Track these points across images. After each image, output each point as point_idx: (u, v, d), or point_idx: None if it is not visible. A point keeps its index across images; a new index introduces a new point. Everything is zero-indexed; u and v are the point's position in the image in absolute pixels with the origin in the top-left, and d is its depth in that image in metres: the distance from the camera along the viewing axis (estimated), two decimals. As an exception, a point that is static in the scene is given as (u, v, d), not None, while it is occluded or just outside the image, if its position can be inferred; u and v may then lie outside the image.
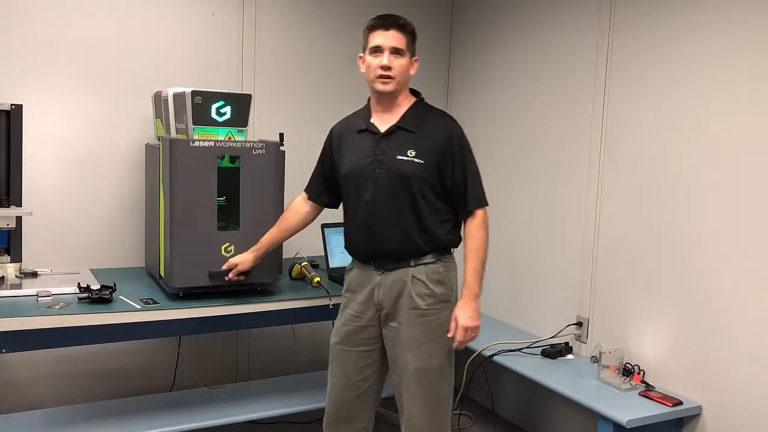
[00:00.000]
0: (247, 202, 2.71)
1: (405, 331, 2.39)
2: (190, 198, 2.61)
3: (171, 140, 2.60)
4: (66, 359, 3.18)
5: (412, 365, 2.38)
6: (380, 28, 2.35)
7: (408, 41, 2.37)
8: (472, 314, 2.34)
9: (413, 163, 2.34)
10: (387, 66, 2.33)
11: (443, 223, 2.40)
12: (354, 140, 2.47)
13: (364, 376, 2.49)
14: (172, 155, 2.58)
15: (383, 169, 2.37)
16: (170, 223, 2.61)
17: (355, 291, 2.49)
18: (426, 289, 2.38)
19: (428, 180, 2.35)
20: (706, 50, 2.67)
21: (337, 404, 2.53)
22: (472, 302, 2.35)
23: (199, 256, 2.63)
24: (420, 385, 2.39)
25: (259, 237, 2.65)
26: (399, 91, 2.40)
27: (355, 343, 2.49)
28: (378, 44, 2.34)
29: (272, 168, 2.75)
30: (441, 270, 2.40)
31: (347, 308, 2.52)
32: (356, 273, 2.51)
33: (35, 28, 3.02)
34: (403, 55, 2.35)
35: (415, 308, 2.37)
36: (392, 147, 2.37)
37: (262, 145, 2.72)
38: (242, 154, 2.69)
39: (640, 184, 2.93)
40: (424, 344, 2.38)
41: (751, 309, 2.52)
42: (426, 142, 2.36)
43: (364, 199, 2.40)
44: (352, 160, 2.45)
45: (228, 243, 2.67)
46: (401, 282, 2.39)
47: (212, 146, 2.63)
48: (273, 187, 2.76)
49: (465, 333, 2.34)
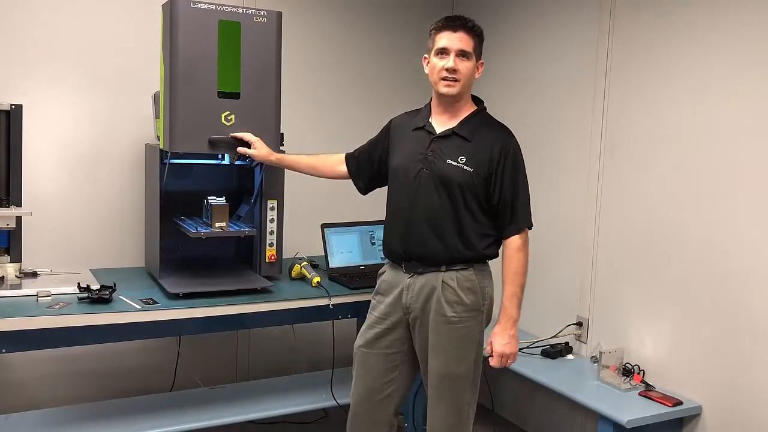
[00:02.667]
0: (248, 72, 2.65)
1: (432, 336, 2.35)
2: (190, 57, 2.55)
3: (172, 1, 2.54)
4: (66, 359, 3.18)
5: (436, 371, 2.35)
6: (448, 29, 2.29)
7: (475, 44, 2.31)
8: (510, 341, 2.32)
9: (462, 169, 2.30)
10: (453, 68, 2.28)
11: (484, 237, 2.35)
12: (409, 136, 2.44)
13: (389, 379, 2.45)
14: (173, 15, 2.53)
15: (430, 170, 2.33)
16: (170, 84, 2.55)
17: (384, 293, 2.46)
18: (455, 297, 2.32)
19: (474, 190, 2.31)
20: (706, 50, 2.67)
21: (360, 407, 2.49)
22: (510, 328, 2.32)
23: (200, 121, 2.57)
24: (443, 391, 2.36)
25: (259, 107, 2.64)
26: (462, 95, 2.35)
27: (381, 347, 2.45)
28: (444, 46, 2.29)
29: (273, 37, 2.69)
30: (473, 278, 2.34)
31: (374, 311, 2.49)
32: (387, 275, 2.48)
33: (35, 28, 3.01)
34: (469, 58, 2.30)
35: (443, 315, 2.32)
36: (444, 150, 2.33)
37: (263, 13, 2.66)
38: (243, 20, 2.63)
39: (641, 183, 2.93)
40: (451, 351, 2.34)
41: (751, 309, 2.52)
42: (478, 152, 2.31)
43: (406, 197, 2.37)
44: (403, 156, 2.42)
45: (228, 111, 2.63)
46: (430, 286, 2.34)
47: (213, 9, 2.58)
48: (273, 57, 2.70)
49: (501, 359, 2.33)
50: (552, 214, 3.37)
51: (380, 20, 3.83)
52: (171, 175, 2.77)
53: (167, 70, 2.58)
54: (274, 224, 2.97)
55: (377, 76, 3.82)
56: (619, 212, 3.03)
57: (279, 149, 2.79)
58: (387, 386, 2.45)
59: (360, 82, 3.77)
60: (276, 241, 2.97)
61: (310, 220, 3.32)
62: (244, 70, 2.64)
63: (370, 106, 3.55)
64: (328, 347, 3.27)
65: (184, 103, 2.55)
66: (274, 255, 2.98)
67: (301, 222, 3.41)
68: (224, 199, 2.89)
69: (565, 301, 3.28)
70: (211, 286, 2.73)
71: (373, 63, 3.83)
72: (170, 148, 2.58)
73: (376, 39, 3.82)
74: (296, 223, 3.36)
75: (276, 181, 2.97)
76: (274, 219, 2.97)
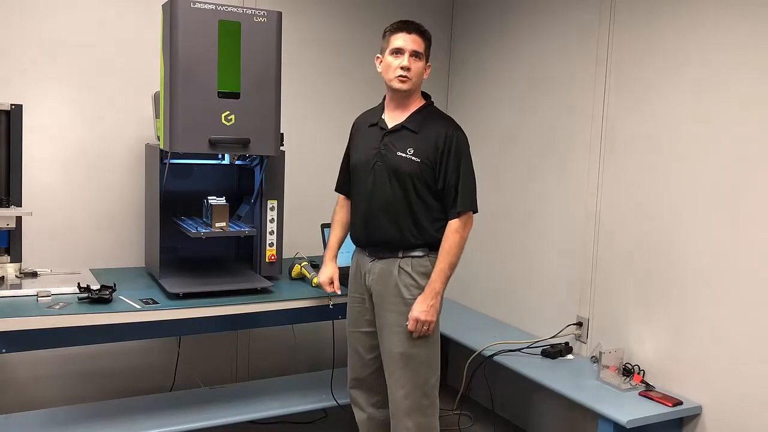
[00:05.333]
0: (248, 72, 2.65)
1: (390, 316, 2.52)
2: (190, 57, 2.55)
3: (172, 1, 2.54)
4: (66, 359, 3.18)
5: (396, 349, 2.51)
6: (402, 31, 2.50)
7: (426, 46, 2.52)
8: (427, 309, 2.45)
9: (410, 160, 2.48)
10: (407, 67, 2.47)
11: (435, 221, 2.52)
12: (365, 133, 2.64)
13: (374, 355, 2.63)
14: (173, 15, 2.53)
15: (383, 163, 2.52)
16: (170, 84, 2.56)
17: (355, 275, 2.66)
18: (411, 280, 2.50)
19: (423, 178, 2.48)
20: (707, 49, 2.67)
21: (354, 382, 2.72)
22: (431, 298, 2.46)
23: (200, 121, 2.58)
24: (404, 370, 2.51)
25: (259, 107, 2.65)
26: (412, 91, 2.54)
27: (361, 325, 2.65)
28: (399, 46, 2.48)
29: (273, 37, 2.69)
30: (427, 263, 2.51)
31: (353, 292, 2.67)
32: (355, 258, 2.68)
33: (35, 29, 3.02)
34: (420, 58, 2.50)
35: (400, 296, 2.50)
36: (395, 143, 2.52)
37: (263, 13, 2.67)
38: (243, 20, 2.63)
39: (640, 184, 2.93)
40: (407, 331, 2.48)
41: (752, 309, 2.52)
42: (424, 143, 2.49)
43: (365, 190, 2.56)
44: (360, 152, 2.62)
45: (228, 111, 2.63)
46: (388, 271, 2.52)
47: (213, 9, 2.58)
48: (273, 57, 2.70)
49: (416, 324, 2.45)
50: (552, 213, 3.37)
51: (380, 20, 3.79)
52: (171, 175, 2.77)
53: (167, 70, 2.58)
54: (274, 224, 2.97)
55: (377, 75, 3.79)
56: (619, 212, 3.03)
57: (279, 149, 2.79)
58: (373, 361, 2.65)
59: (360, 81, 3.77)
60: (276, 241, 2.98)
61: (310, 220, 3.33)
62: (244, 70, 2.64)
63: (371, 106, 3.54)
64: (328, 347, 3.27)
65: (184, 103, 2.55)
66: (274, 255, 2.98)
67: (301, 222, 3.41)
68: (224, 199, 2.89)
69: (565, 301, 3.28)
70: (211, 286, 2.74)
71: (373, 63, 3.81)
72: (170, 148, 2.59)
73: (377, 39, 3.80)
74: (296, 223, 3.37)
75: (276, 181, 2.97)
76: (274, 219, 2.97)
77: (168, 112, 2.58)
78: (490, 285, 3.76)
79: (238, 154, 2.93)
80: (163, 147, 2.66)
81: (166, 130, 2.61)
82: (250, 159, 3.01)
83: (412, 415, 2.51)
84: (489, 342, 3.18)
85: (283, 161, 2.97)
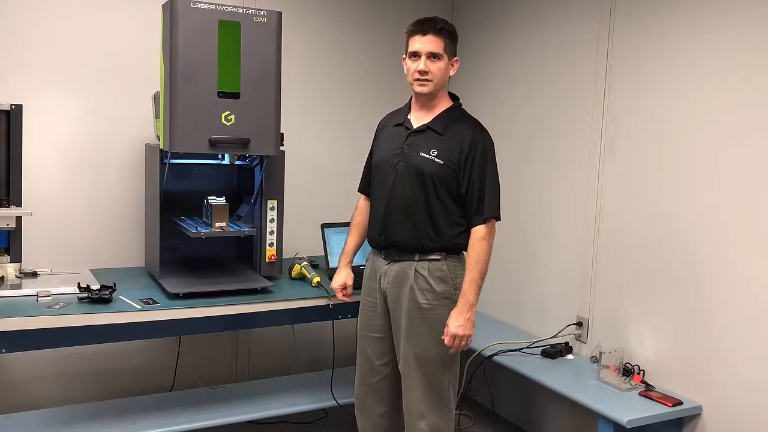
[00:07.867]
0: (248, 72, 2.65)
1: (406, 321, 2.47)
2: (190, 57, 2.55)
3: (172, 1, 2.54)
4: (66, 359, 3.18)
5: (411, 352, 2.47)
6: (418, 33, 2.44)
7: (445, 44, 2.44)
8: (464, 323, 2.39)
9: (433, 161, 2.43)
10: (423, 71, 2.43)
11: (454, 225, 2.46)
12: (390, 133, 2.61)
13: (384, 361, 2.59)
14: (173, 15, 2.53)
15: (405, 163, 2.48)
16: (170, 84, 2.55)
17: (369, 278, 2.62)
18: (426, 285, 2.45)
19: (445, 181, 2.43)
20: (706, 49, 2.67)
21: (361, 387, 2.66)
22: (466, 312, 2.39)
23: (200, 121, 2.57)
24: (419, 372, 2.46)
25: (259, 107, 2.65)
26: (436, 92, 2.49)
27: (373, 329, 2.60)
28: (416, 49, 2.44)
29: (273, 37, 2.69)
30: (444, 268, 2.46)
31: (365, 295, 2.64)
32: (370, 261, 2.64)
33: (35, 29, 3.02)
34: (440, 58, 2.44)
35: (416, 301, 2.45)
36: (418, 144, 2.48)
37: (263, 13, 2.67)
38: (243, 20, 2.63)
39: (641, 183, 2.93)
40: (423, 335, 2.45)
41: (752, 309, 2.52)
42: (449, 145, 2.45)
43: (384, 189, 2.52)
44: (383, 151, 2.59)
45: (228, 111, 2.62)
46: (404, 274, 2.48)
47: (213, 9, 2.58)
48: (273, 57, 2.70)
49: (454, 340, 2.39)
50: (552, 213, 3.37)
51: (381, 20, 3.82)
52: (171, 175, 2.77)
53: (167, 70, 2.58)
54: (274, 224, 2.97)
55: (377, 75, 3.82)
56: (619, 212, 3.03)
57: (279, 149, 2.79)
58: (383, 368, 2.60)
59: (360, 81, 3.77)
60: (276, 241, 2.98)
61: (310, 220, 3.33)
62: (244, 70, 2.64)
63: (371, 106, 3.54)
64: (328, 347, 3.27)
65: (184, 103, 2.55)
66: (274, 255, 2.98)
67: (301, 222, 3.41)
68: (224, 199, 2.89)
69: (565, 301, 3.28)
70: (211, 286, 2.74)
71: (373, 63, 3.82)
72: (170, 148, 2.58)
73: (377, 38, 3.82)
74: (296, 223, 3.37)
75: (276, 181, 2.97)
76: (274, 219, 2.97)
77: (168, 112, 2.57)
78: (490, 285, 3.75)
79: (238, 154, 2.93)
80: (163, 147, 2.66)
81: (166, 130, 2.61)
82: (250, 159, 3.01)
83: (426, 418, 2.47)
84: (489, 342, 3.18)
85: (283, 161, 2.97)
